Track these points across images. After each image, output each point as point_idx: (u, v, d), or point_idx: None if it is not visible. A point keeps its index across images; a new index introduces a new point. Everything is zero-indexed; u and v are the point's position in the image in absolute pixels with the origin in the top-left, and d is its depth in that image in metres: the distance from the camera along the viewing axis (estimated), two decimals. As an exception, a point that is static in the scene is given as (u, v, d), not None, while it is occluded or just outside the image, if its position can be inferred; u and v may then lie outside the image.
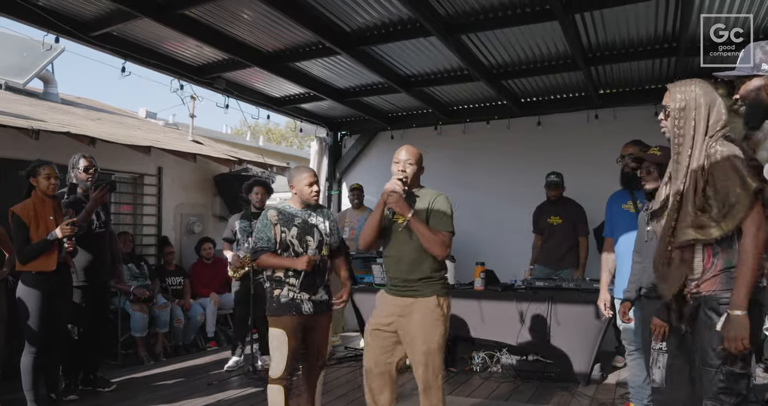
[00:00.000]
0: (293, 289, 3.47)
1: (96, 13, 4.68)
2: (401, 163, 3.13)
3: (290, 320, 3.44)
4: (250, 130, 17.84)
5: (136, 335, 5.96)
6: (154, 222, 7.12)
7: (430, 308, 3.07)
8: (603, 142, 6.58)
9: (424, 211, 3.10)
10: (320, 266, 3.55)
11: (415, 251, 3.08)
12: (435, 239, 3.02)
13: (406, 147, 3.21)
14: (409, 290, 3.11)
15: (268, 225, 3.50)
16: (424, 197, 3.16)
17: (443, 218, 3.11)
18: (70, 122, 5.90)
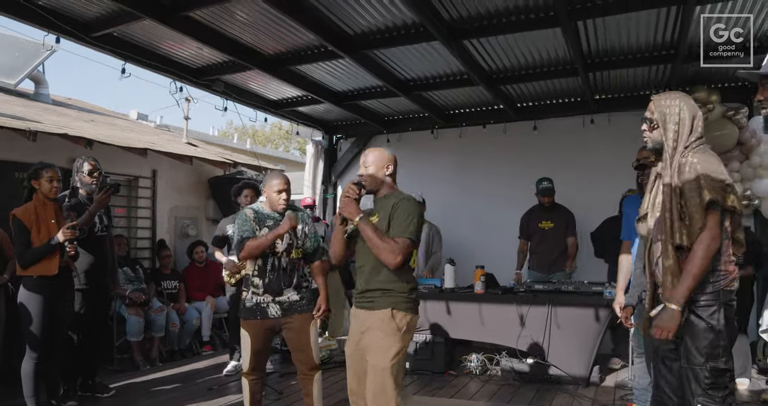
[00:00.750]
0: (257, 291, 3.51)
1: (98, 14, 4.64)
2: (361, 166, 3.03)
3: (254, 324, 3.52)
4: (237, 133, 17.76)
5: (131, 340, 5.89)
6: (148, 225, 7.06)
7: (384, 321, 2.81)
8: (598, 146, 6.70)
9: (386, 215, 2.88)
10: (287, 268, 3.55)
11: (374, 259, 2.86)
12: (382, 246, 2.77)
13: (370, 149, 3.08)
14: (367, 301, 2.91)
15: (247, 220, 3.52)
16: (389, 201, 2.93)
17: (402, 223, 2.82)
18: (65, 124, 5.83)
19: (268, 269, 3.54)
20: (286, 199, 3.57)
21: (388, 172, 2.98)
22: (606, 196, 6.08)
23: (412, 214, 2.85)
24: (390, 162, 3.01)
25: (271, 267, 3.54)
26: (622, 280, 4.24)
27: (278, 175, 3.64)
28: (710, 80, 6.02)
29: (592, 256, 6.26)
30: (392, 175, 3.02)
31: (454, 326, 5.51)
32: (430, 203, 6.43)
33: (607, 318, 5.02)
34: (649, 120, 2.64)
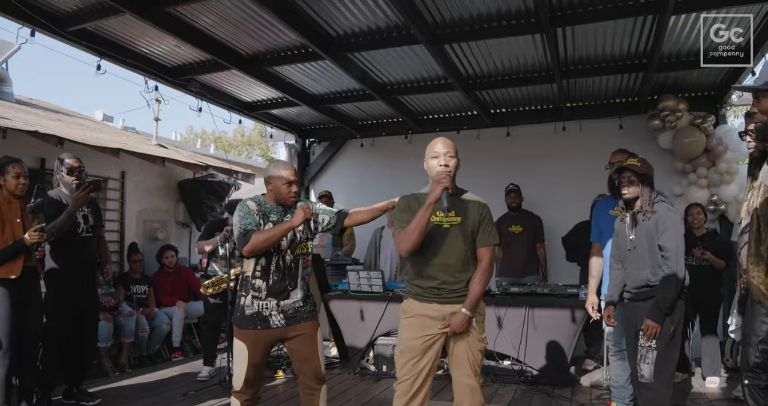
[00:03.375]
0: (258, 295, 3.13)
1: (75, 7, 4.53)
2: (441, 156, 2.89)
3: (254, 334, 3.12)
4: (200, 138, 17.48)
5: (100, 345, 5.66)
6: (116, 228, 6.86)
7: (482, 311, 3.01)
8: (569, 153, 6.85)
9: (474, 219, 2.88)
10: (291, 266, 3.19)
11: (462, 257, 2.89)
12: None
13: (440, 139, 2.95)
14: (458, 296, 2.87)
15: (251, 212, 3.14)
16: (471, 203, 2.92)
17: (493, 230, 2.95)
18: (35, 122, 5.65)
19: (272, 269, 3.16)
20: (297, 192, 3.25)
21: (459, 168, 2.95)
22: (577, 202, 6.22)
23: (493, 218, 2.99)
24: None
25: (275, 267, 3.16)
26: (593, 281, 4.35)
27: (284, 165, 3.26)
28: (678, 89, 6.23)
29: (560, 259, 6.37)
30: None
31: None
32: (404, 208, 6.43)
33: (582, 319, 5.11)
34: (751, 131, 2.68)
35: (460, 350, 2.87)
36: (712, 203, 6.03)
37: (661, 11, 4.28)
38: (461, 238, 2.87)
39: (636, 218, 3.54)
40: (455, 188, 2.89)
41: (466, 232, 2.87)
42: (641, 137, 6.49)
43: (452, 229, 2.87)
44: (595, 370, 5.74)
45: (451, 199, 2.81)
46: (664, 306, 3.32)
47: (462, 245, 2.87)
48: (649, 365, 3.40)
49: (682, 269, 3.34)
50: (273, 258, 3.16)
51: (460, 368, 2.88)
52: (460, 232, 2.87)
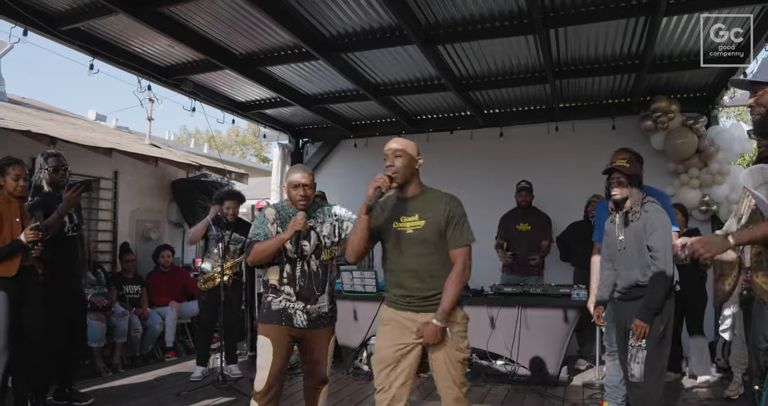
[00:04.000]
0: (289, 298, 3.17)
1: (68, 7, 4.50)
2: (388, 157, 2.77)
3: (278, 329, 3.15)
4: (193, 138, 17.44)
5: (93, 345, 5.67)
6: (109, 228, 6.85)
7: (461, 319, 2.85)
8: (562, 153, 6.87)
9: (438, 219, 2.74)
10: (318, 272, 3.21)
11: (431, 264, 2.77)
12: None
13: (395, 140, 2.84)
14: (432, 304, 2.76)
15: (265, 222, 3.19)
16: (432, 202, 2.79)
17: (465, 229, 2.79)
18: (27, 121, 5.63)
19: (297, 275, 3.19)
20: (305, 196, 3.18)
21: (417, 165, 2.82)
22: (571, 202, 6.25)
23: (465, 215, 2.81)
24: (419, 154, 2.84)
25: (300, 273, 3.19)
26: (594, 280, 4.35)
27: (299, 169, 3.27)
28: (670, 90, 6.26)
29: (558, 259, 6.39)
30: (418, 170, 2.85)
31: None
32: (398, 207, 6.44)
33: (575, 319, 5.14)
34: None
35: (439, 362, 2.79)
36: (704, 204, 6.06)
37: (653, 13, 4.30)
38: (427, 242, 2.73)
39: (626, 219, 3.56)
40: (420, 189, 2.83)
41: (431, 234, 2.73)
42: (634, 138, 6.50)
43: (416, 233, 2.74)
44: (588, 369, 5.77)
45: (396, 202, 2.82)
46: (653, 306, 3.34)
47: (429, 249, 2.74)
48: (639, 365, 3.42)
49: (670, 269, 3.36)
50: (297, 264, 3.19)
51: (442, 379, 2.82)
52: (424, 235, 2.73)
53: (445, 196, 2.83)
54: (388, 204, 2.84)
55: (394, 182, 2.73)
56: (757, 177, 1.84)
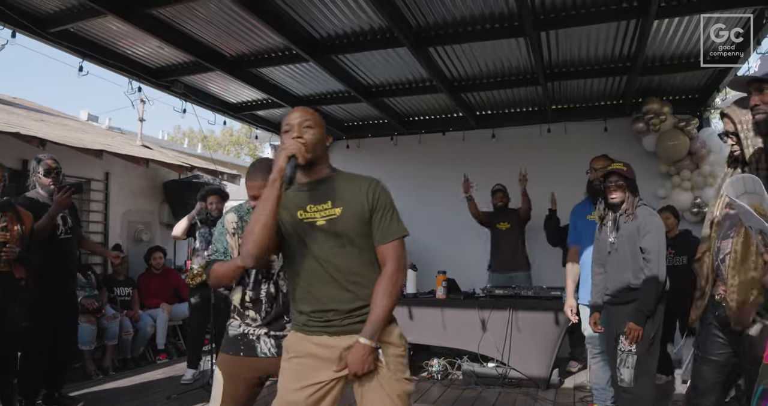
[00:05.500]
0: (251, 323, 2.58)
1: (56, 8, 4.46)
2: (294, 128, 2.08)
3: (233, 361, 2.53)
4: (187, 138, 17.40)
5: (83, 348, 5.63)
6: (100, 229, 6.82)
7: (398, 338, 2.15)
8: (554, 155, 6.86)
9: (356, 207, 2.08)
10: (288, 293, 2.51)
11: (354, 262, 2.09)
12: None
13: (297, 109, 2.18)
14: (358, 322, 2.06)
15: (223, 233, 2.62)
16: (347, 185, 2.12)
17: (395, 218, 2.14)
18: (16, 122, 5.59)
19: (263, 299, 2.57)
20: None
21: (328, 143, 2.21)
22: (562, 203, 6.21)
23: (393, 202, 2.17)
24: (326, 130, 2.21)
25: (266, 296, 2.57)
26: (570, 284, 4.37)
27: (258, 171, 2.57)
28: (662, 92, 6.27)
29: (549, 260, 6.37)
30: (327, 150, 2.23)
31: (415, 331, 5.51)
32: (390, 210, 6.44)
33: (566, 322, 5.13)
34: (732, 133, 2.57)
35: (373, 400, 2.05)
36: (696, 206, 6.07)
37: (644, 16, 4.30)
38: (348, 235, 2.06)
39: (618, 222, 3.56)
40: (330, 171, 2.16)
41: (352, 226, 2.06)
42: (626, 140, 6.52)
43: (330, 225, 2.06)
44: (580, 372, 5.77)
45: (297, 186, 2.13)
46: (645, 308, 3.34)
47: (350, 245, 2.06)
48: (629, 369, 3.42)
49: (663, 272, 3.36)
50: (262, 287, 2.58)
51: None
52: (343, 227, 2.05)
53: (366, 178, 2.16)
54: (289, 192, 2.13)
55: (307, 157, 2.06)
56: (739, 187, 1.82)
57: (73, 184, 4.31)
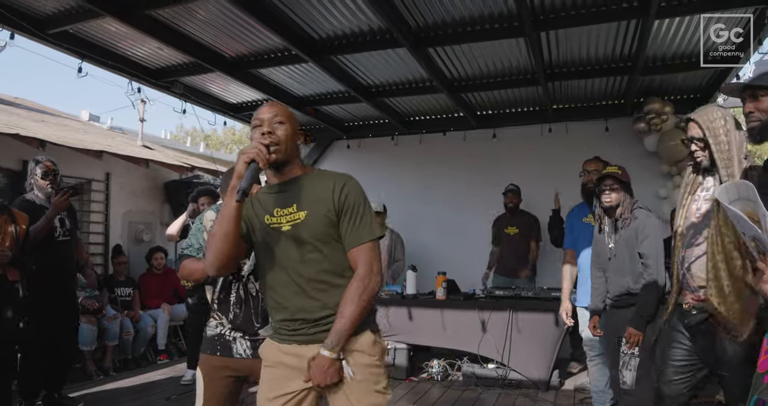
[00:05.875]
0: (222, 323, 2.55)
1: (54, 10, 4.46)
2: (265, 123, 1.96)
3: (211, 361, 2.50)
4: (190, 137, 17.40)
5: (84, 349, 5.65)
6: (101, 230, 6.84)
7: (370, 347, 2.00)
8: (555, 155, 6.84)
9: (325, 207, 1.95)
10: (257, 296, 2.53)
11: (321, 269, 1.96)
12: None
13: (268, 103, 2.07)
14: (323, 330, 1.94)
15: (201, 230, 2.59)
16: (318, 184, 1.99)
17: (366, 220, 1.98)
18: (16, 123, 5.60)
19: (231, 300, 2.51)
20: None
21: (300, 141, 2.09)
22: (563, 203, 6.20)
23: (366, 201, 2.02)
24: (296, 122, 2.06)
25: (236, 298, 2.51)
26: (566, 287, 4.36)
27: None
28: (664, 92, 6.23)
29: (552, 261, 6.36)
30: (299, 149, 2.10)
31: (416, 332, 5.52)
32: (390, 210, 6.45)
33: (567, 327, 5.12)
34: (699, 139, 2.55)
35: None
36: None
37: (644, 16, 4.28)
38: (312, 241, 1.94)
39: (616, 226, 3.55)
40: (298, 169, 2.03)
41: (318, 230, 1.94)
42: (627, 140, 6.50)
43: (295, 230, 1.94)
44: (581, 373, 5.75)
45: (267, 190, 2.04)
46: (645, 313, 3.32)
47: (316, 251, 1.94)
48: (631, 372, 3.40)
49: (662, 276, 3.34)
50: (232, 287, 2.53)
51: None
52: (308, 232, 1.94)
53: (336, 176, 2.02)
54: (258, 195, 2.07)
55: (278, 156, 1.93)
56: (732, 193, 1.79)
57: (71, 187, 4.30)
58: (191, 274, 2.50)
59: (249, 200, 2.03)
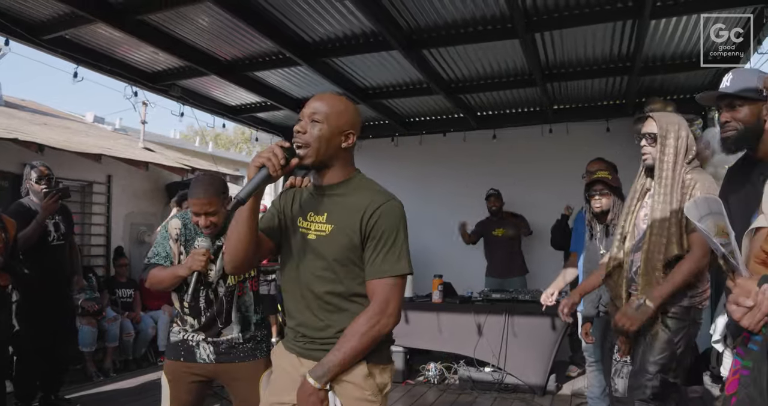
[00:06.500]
0: (187, 328, 2.60)
1: (48, 16, 4.48)
2: (303, 118, 1.79)
3: (176, 367, 2.57)
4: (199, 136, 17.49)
5: (84, 350, 5.71)
6: (102, 232, 6.89)
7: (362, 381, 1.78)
8: (556, 155, 6.78)
9: (351, 227, 1.77)
10: (224, 300, 2.57)
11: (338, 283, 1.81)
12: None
13: (322, 94, 1.86)
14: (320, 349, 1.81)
15: (166, 238, 2.61)
16: (353, 200, 1.80)
17: (394, 249, 1.77)
18: (16, 127, 5.66)
19: (201, 306, 2.57)
20: (208, 226, 2.50)
21: (346, 143, 1.80)
22: (563, 204, 6.15)
23: (402, 230, 1.80)
24: (353, 127, 1.81)
25: (205, 303, 2.57)
26: (560, 281, 4.30)
27: (199, 188, 2.48)
28: (665, 92, 6.15)
29: (549, 265, 6.30)
30: (350, 152, 1.85)
31: (412, 335, 5.50)
32: (391, 211, 6.43)
33: (563, 327, 5.08)
34: (650, 135, 2.64)
35: None
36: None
37: (639, 16, 4.21)
38: (328, 258, 1.78)
39: (608, 231, 3.51)
40: (342, 174, 1.84)
41: (337, 250, 1.77)
42: (628, 140, 6.31)
43: (318, 242, 1.80)
44: (579, 377, 5.70)
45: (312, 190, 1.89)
46: None
47: (330, 270, 1.79)
48: (623, 380, 3.36)
49: None
50: (201, 293, 2.57)
51: None
52: (329, 249, 1.78)
53: (375, 196, 1.79)
54: (305, 192, 1.92)
55: (305, 160, 1.74)
56: (703, 208, 1.74)
57: (59, 190, 4.31)
58: (161, 282, 2.54)
59: (293, 195, 1.93)
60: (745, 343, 1.71)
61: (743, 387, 1.65)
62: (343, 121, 1.78)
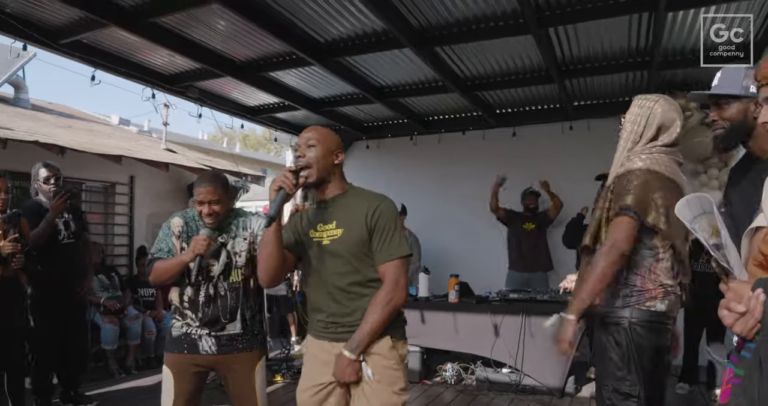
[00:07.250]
0: (190, 323, 2.73)
1: (65, 21, 4.58)
2: (300, 148, 2.23)
3: (180, 359, 2.71)
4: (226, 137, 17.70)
5: (106, 348, 5.83)
6: (125, 232, 7.01)
7: (388, 351, 2.22)
8: (577, 153, 6.67)
9: (359, 226, 2.19)
10: (226, 296, 2.75)
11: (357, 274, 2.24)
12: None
13: (310, 128, 2.31)
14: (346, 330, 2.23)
15: (169, 235, 2.78)
16: (354, 203, 2.24)
17: (395, 238, 2.22)
18: (39, 130, 5.79)
19: (201, 300, 2.72)
20: (210, 214, 2.67)
21: (338, 160, 2.25)
22: (586, 202, 6.05)
23: (397, 222, 2.24)
24: (339, 147, 2.27)
25: (205, 298, 2.72)
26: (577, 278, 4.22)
27: (204, 180, 2.72)
28: (688, 86, 5.97)
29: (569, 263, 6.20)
30: (341, 167, 2.29)
31: (428, 335, 5.46)
32: (409, 210, 6.41)
33: (581, 328, 4.97)
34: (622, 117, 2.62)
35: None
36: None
37: (655, 8, 4.11)
38: (345, 255, 2.20)
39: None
40: (339, 188, 2.26)
41: (352, 246, 2.19)
42: (651, 136, 6.26)
43: (333, 245, 2.21)
44: (599, 378, 5.59)
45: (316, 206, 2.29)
46: None
47: (348, 264, 2.20)
48: None
49: None
50: (202, 288, 2.73)
51: None
52: (342, 248, 2.20)
53: (372, 197, 2.25)
54: (308, 212, 2.35)
55: (309, 179, 2.17)
56: (695, 207, 1.65)
57: (68, 190, 4.38)
58: (167, 270, 2.69)
59: (300, 216, 2.36)
60: (738, 350, 1.64)
61: (734, 397, 1.56)
62: (331, 143, 2.24)
